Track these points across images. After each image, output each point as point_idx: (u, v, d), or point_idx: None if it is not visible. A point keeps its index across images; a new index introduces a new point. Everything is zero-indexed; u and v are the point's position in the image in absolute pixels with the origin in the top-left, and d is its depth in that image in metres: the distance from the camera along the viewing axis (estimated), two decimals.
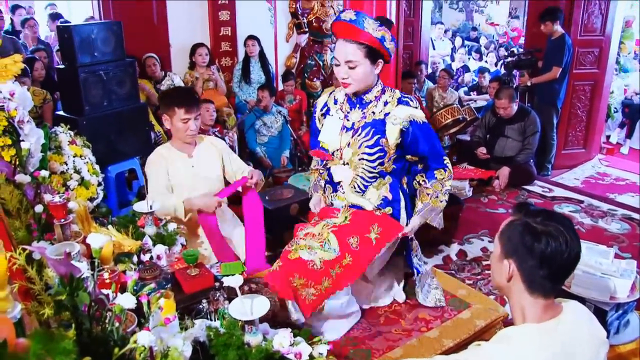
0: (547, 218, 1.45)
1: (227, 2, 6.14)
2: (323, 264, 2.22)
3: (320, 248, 2.25)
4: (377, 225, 2.35)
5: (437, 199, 2.48)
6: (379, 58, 2.29)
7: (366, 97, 2.37)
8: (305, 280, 2.21)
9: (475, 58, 9.91)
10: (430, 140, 2.41)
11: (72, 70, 3.91)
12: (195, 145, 3.10)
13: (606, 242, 3.94)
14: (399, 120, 2.30)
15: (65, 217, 2.02)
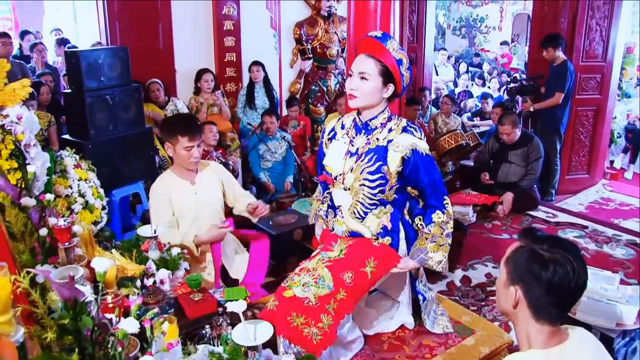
0: (554, 245, 1.45)
1: (233, 28, 6.22)
2: (318, 299, 2.19)
3: (314, 284, 2.22)
4: (372, 259, 2.31)
5: (436, 244, 2.36)
6: (391, 82, 2.29)
7: (372, 123, 2.36)
8: (305, 319, 2.17)
9: (479, 84, 9.97)
10: (431, 174, 2.35)
11: (79, 94, 3.95)
12: (197, 172, 3.11)
13: (611, 267, 3.91)
14: (401, 148, 2.28)
15: (69, 240, 2.03)
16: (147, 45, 5.72)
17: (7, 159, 2.35)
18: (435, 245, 2.36)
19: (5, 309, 1.18)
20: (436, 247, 2.36)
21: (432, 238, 2.35)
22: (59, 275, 1.69)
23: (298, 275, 2.28)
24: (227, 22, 6.18)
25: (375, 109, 2.36)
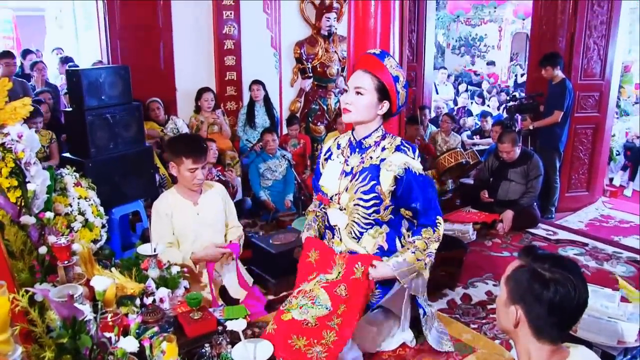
0: (555, 264, 1.44)
1: (233, 47, 6.27)
2: (317, 320, 2.16)
3: (312, 306, 2.19)
4: (360, 264, 2.25)
5: (414, 256, 2.26)
6: (387, 99, 2.28)
7: (366, 141, 2.35)
8: (306, 340, 2.14)
9: (478, 102, 10.03)
10: (424, 193, 2.29)
11: (80, 113, 3.97)
12: (201, 193, 3.10)
13: (612, 285, 3.89)
14: (394, 167, 2.25)
15: (68, 259, 2.02)
16: (148, 64, 5.76)
17: (7, 177, 2.35)
18: (414, 257, 2.26)
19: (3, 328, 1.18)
20: (414, 259, 2.26)
21: (413, 249, 2.27)
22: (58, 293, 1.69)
23: (295, 298, 2.26)
24: (228, 41, 6.24)
25: (369, 126, 2.33)
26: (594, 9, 5.47)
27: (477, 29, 15.17)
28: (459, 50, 15.65)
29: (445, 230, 4.82)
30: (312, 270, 2.35)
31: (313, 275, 2.36)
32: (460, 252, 4.26)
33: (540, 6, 6.07)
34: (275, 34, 6.68)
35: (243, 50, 6.36)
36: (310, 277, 2.35)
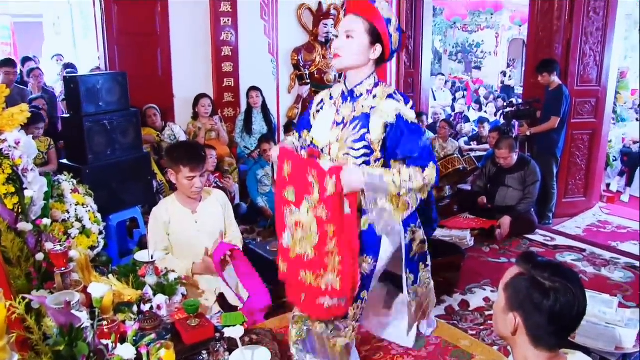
0: (554, 273, 1.44)
1: (231, 54, 6.28)
2: (315, 250, 2.12)
3: (306, 237, 2.14)
4: (329, 176, 2.06)
5: (392, 179, 2.03)
6: (379, 42, 2.18)
7: (357, 89, 2.24)
8: (313, 274, 2.14)
9: (475, 108, 10.05)
10: (416, 142, 2.13)
11: (77, 119, 3.97)
12: (200, 200, 3.10)
13: (609, 291, 3.89)
14: (384, 114, 2.13)
15: (65, 265, 2.02)
16: (145, 70, 5.77)
17: (5, 183, 2.35)
18: (391, 180, 2.04)
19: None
20: (390, 181, 2.04)
21: (395, 173, 2.06)
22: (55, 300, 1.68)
23: (295, 232, 2.20)
24: (226, 47, 6.24)
25: (361, 73, 2.24)
26: (589, 15, 5.49)
27: (474, 35, 15.23)
28: (456, 56, 15.71)
29: (443, 236, 4.87)
30: (285, 185, 2.23)
31: (288, 191, 2.22)
32: (458, 258, 4.25)
33: (536, 13, 6.09)
34: (273, 40, 6.69)
35: (240, 57, 6.37)
36: (285, 192, 2.23)
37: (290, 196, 2.19)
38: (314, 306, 2.23)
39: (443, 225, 5.04)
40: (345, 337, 2.33)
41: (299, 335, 2.39)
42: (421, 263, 2.58)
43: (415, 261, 2.51)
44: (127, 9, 5.63)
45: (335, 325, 2.30)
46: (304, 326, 2.38)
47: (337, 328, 2.31)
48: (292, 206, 2.19)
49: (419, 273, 2.56)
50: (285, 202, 2.22)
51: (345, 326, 2.32)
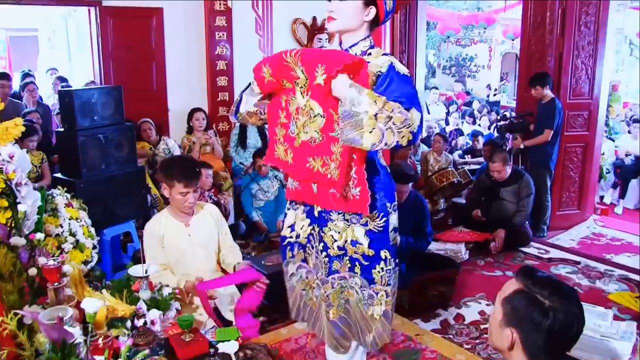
0: (554, 292, 1.43)
1: (225, 68, 6.30)
2: (321, 132, 2.07)
3: (310, 121, 2.09)
4: (321, 66, 1.95)
5: (374, 100, 1.90)
6: (373, 4, 2.15)
7: (352, 50, 2.20)
8: (321, 160, 2.10)
9: (469, 122, 10.10)
10: (405, 88, 2.04)
11: (72, 133, 3.96)
12: (192, 214, 3.10)
13: (604, 303, 3.90)
14: (377, 67, 2.08)
15: (59, 280, 2.01)
16: (140, 84, 5.78)
17: None
18: (373, 100, 1.90)
19: None
20: (372, 103, 1.90)
21: (379, 99, 1.93)
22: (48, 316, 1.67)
23: (298, 119, 2.15)
24: (220, 62, 6.27)
25: (356, 35, 2.20)
26: (581, 29, 5.55)
27: (468, 49, 15.36)
28: (449, 70, 15.81)
29: (438, 249, 4.87)
30: (272, 86, 2.18)
31: (284, 82, 2.15)
32: (453, 271, 4.25)
33: (528, 27, 6.15)
34: (268, 54, 6.71)
35: (235, 71, 6.39)
36: (283, 82, 2.15)
37: (287, 84, 2.14)
38: (327, 197, 2.19)
39: (438, 239, 5.05)
40: (381, 305, 2.29)
41: (340, 309, 2.35)
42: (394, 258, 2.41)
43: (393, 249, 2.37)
44: (123, 24, 5.66)
45: (369, 294, 2.29)
46: (341, 299, 2.35)
47: (371, 296, 2.29)
48: (291, 94, 2.15)
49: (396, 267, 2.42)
50: (285, 91, 2.17)
51: (377, 292, 2.29)
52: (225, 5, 6.17)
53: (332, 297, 2.36)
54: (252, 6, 6.52)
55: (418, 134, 1.99)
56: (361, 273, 2.28)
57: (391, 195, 2.32)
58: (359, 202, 2.14)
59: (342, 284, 2.34)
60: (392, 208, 2.33)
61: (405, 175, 4.17)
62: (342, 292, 2.35)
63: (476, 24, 13.57)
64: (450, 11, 13.44)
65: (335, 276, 2.34)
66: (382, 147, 1.93)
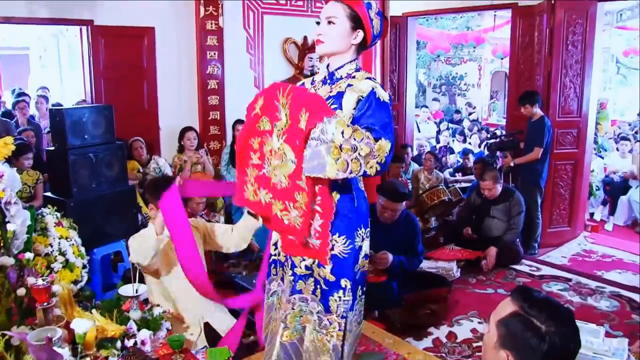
0: (551, 316, 1.42)
1: (217, 87, 6.32)
2: (289, 178, 2.04)
3: (281, 164, 2.06)
4: (305, 111, 1.96)
5: (342, 135, 1.88)
6: (360, 28, 2.20)
7: (338, 72, 2.25)
8: (282, 204, 2.08)
9: (459, 140, 10.16)
10: (382, 118, 2.06)
11: (62, 152, 3.95)
12: None
13: (596, 320, 3.90)
14: (359, 90, 2.11)
15: (48, 300, 1.99)
16: (131, 103, 5.79)
17: None
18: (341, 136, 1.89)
19: None
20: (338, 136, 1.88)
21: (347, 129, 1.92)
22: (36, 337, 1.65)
23: (271, 160, 2.13)
24: (212, 81, 6.28)
25: (343, 57, 2.24)
26: (568, 49, 5.63)
27: (457, 67, 15.50)
28: (439, 89, 15.94)
29: (429, 268, 4.88)
30: (258, 118, 2.17)
31: (262, 122, 2.15)
32: (445, 289, 4.26)
33: (517, 46, 6.24)
34: (259, 73, 6.75)
35: (226, 90, 6.41)
36: (258, 124, 2.17)
37: (266, 125, 2.14)
38: (287, 241, 2.20)
39: (429, 257, 5.05)
40: (332, 337, 2.22)
41: (294, 334, 2.29)
42: (360, 288, 2.33)
43: (357, 280, 2.28)
44: (114, 43, 5.68)
45: (324, 322, 2.23)
46: (297, 324, 2.29)
47: (325, 325, 2.23)
48: (267, 135, 2.14)
49: (356, 299, 2.31)
50: (259, 133, 2.17)
51: (331, 322, 2.22)
52: (216, 25, 6.21)
53: (289, 319, 2.30)
54: (243, 25, 6.57)
55: (387, 164, 1.99)
56: (320, 297, 2.23)
57: (365, 221, 2.28)
58: (318, 252, 2.16)
59: (302, 307, 2.29)
60: (365, 234, 2.28)
61: (399, 193, 4.18)
62: (300, 315, 2.30)
63: (466, 43, 13.71)
64: (440, 31, 13.58)
65: (296, 296, 2.28)
66: (347, 176, 1.92)
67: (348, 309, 2.24)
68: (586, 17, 5.63)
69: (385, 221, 4.17)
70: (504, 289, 4.67)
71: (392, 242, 4.11)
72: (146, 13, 5.83)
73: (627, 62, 13.75)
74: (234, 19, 6.41)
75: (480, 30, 13.05)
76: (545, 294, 1.55)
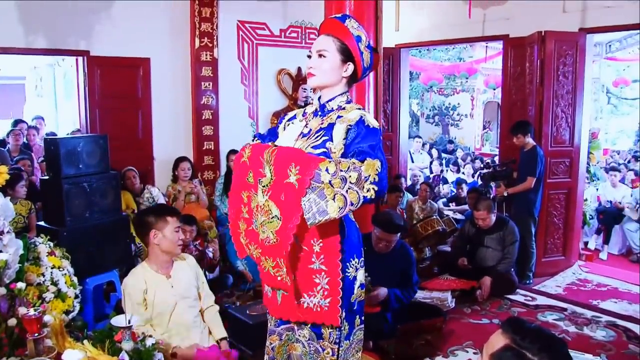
0: (544, 348, 1.41)
1: (211, 117, 6.37)
2: (277, 235, 2.04)
3: (269, 221, 2.06)
4: (295, 166, 1.95)
5: (327, 172, 1.88)
6: (351, 60, 2.23)
7: (329, 104, 2.27)
8: (272, 261, 2.08)
9: (453, 170, 10.21)
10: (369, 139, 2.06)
11: (56, 181, 3.94)
12: (172, 264, 3.09)
13: (593, 350, 3.88)
14: (348, 120, 2.13)
15: (39, 331, 1.97)
16: (126, 132, 5.82)
17: None
18: (326, 173, 1.88)
19: None
20: (324, 174, 1.88)
21: (330, 165, 1.91)
22: None
23: (257, 215, 2.12)
24: (206, 111, 6.34)
25: (334, 90, 2.27)
26: (559, 79, 5.71)
27: (450, 98, 15.67)
28: (432, 119, 16.07)
29: (424, 298, 4.86)
30: (246, 169, 2.16)
31: (249, 176, 2.15)
32: (439, 320, 4.23)
33: (509, 77, 6.33)
34: (253, 104, 6.81)
35: (221, 120, 6.46)
36: (247, 177, 2.16)
37: (251, 179, 2.14)
38: (292, 308, 2.15)
39: (424, 287, 5.03)
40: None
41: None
42: (358, 317, 2.32)
43: (353, 310, 2.27)
44: (110, 73, 5.74)
45: (315, 348, 2.21)
46: (284, 354, 2.29)
47: (317, 350, 2.21)
48: (252, 190, 2.14)
49: (354, 328, 2.30)
50: (247, 187, 2.17)
51: (324, 348, 2.20)
52: (211, 56, 6.29)
53: (276, 350, 2.32)
54: (238, 57, 6.65)
55: (383, 183, 1.96)
56: (311, 325, 2.21)
57: (358, 251, 2.26)
58: (328, 313, 2.12)
59: (289, 336, 2.28)
60: (359, 264, 2.26)
61: (394, 225, 4.17)
62: (287, 344, 2.29)
63: (458, 74, 13.89)
64: (433, 62, 13.77)
65: (282, 327, 2.29)
66: (350, 209, 1.90)
67: (342, 337, 2.22)
68: (576, 48, 5.73)
69: (380, 251, 4.16)
70: (499, 319, 4.64)
71: (387, 272, 4.09)
72: (142, 44, 5.91)
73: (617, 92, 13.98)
74: (228, 50, 6.50)
75: (472, 61, 13.24)
76: (537, 325, 1.54)
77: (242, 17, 6.62)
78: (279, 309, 2.25)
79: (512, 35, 6.25)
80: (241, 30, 6.65)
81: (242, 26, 6.65)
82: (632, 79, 13.39)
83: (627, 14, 5.40)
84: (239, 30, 6.64)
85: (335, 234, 2.10)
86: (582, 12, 5.74)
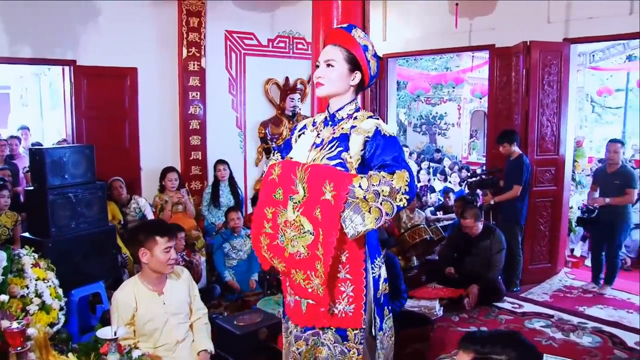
0: (505, 345, 1.49)
1: (199, 127, 6.36)
2: (308, 249, 2.10)
3: (299, 236, 2.12)
4: (329, 183, 2.03)
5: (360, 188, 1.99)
6: (358, 69, 2.29)
7: (339, 114, 2.32)
8: (303, 274, 2.13)
9: (440, 179, 10.25)
10: (393, 152, 2.13)
11: (41, 191, 3.90)
12: (165, 279, 3.02)
13: (579, 357, 3.90)
14: (364, 131, 2.18)
15: (22, 344, 1.95)
16: (113, 142, 5.80)
17: None
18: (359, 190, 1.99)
19: None
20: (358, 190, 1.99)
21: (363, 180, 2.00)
22: None
23: (286, 230, 2.18)
24: (194, 121, 6.33)
25: (342, 99, 2.32)
26: (544, 88, 5.77)
27: (437, 107, 15.77)
28: (420, 128, 16.15)
29: (412, 306, 4.85)
30: (275, 186, 2.22)
31: (278, 193, 2.20)
32: (427, 328, 4.23)
33: (495, 86, 6.39)
34: (240, 114, 6.81)
35: (208, 130, 6.45)
36: (275, 194, 2.21)
37: (279, 196, 2.20)
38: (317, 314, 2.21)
39: (411, 296, 5.03)
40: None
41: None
42: (386, 307, 2.43)
43: (381, 304, 2.38)
44: (97, 83, 5.72)
45: (340, 350, 2.26)
46: (311, 358, 2.33)
47: (342, 352, 2.26)
48: (280, 206, 2.20)
49: (384, 319, 2.42)
50: (273, 203, 2.22)
51: (349, 349, 2.26)
52: (199, 66, 6.29)
53: (303, 354, 2.34)
54: (226, 67, 6.66)
55: (413, 191, 2.06)
56: (336, 329, 2.26)
57: (378, 250, 2.35)
58: (352, 318, 2.21)
59: (314, 340, 2.32)
60: (381, 261, 2.36)
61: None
62: (313, 349, 2.33)
63: (445, 84, 13.98)
64: (420, 71, 13.84)
65: (308, 333, 2.32)
66: (386, 219, 2.00)
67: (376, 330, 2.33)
68: (560, 58, 5.80)
69: None
70: (487, 327, 4.66)
71: None
72: (129, 53, 5.90)
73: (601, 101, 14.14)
74: (216, 60, 6.51)
75: (459, 70, 13.34)
76: (487, 330, 1.65)
77: (230, 27, 6.63)
78: (304, 317, 2.30)
79: (498, 45, 6.31)
80: (229, 40, 6.66)
81: (229, 36, 6.66)
82: (616, 88, 13.57)
83: (610, 25, 5.48)
84: (227, 40, 6.65)
85: (361, 244, 2.18)
86: (566, 23, 5.81)
